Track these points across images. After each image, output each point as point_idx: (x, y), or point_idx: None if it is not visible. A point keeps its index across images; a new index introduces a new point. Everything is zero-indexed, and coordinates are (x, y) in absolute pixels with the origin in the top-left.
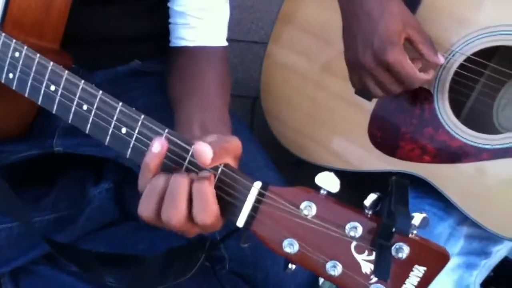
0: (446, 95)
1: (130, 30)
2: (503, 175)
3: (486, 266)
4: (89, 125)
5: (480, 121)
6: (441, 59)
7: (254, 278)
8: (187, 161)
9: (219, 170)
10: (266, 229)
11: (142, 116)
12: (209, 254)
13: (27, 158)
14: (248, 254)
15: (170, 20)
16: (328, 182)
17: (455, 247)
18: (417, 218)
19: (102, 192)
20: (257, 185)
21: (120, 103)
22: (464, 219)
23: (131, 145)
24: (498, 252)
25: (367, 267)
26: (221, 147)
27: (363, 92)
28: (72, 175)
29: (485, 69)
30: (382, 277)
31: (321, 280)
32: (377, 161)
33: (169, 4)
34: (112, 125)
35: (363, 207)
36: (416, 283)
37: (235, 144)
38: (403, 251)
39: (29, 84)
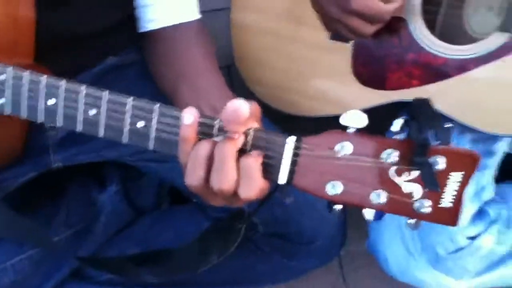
0: (419, 17)
1: (98, 24)
2: (490, 78)
3: (493, 165)
4: (102, 129)
5: (454, 33)
6: None
7: (287, 233)
8: (215, 129)
9: (251, 135)
10: (308, 179)
11: (158, 104)
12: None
13: (27, 181)
14: (277, 213)
15: (136, 4)
16: (355, 119)
17: None
18: None
19: (112, 195)
20: (292, 139)
21: (131, 98)
22: (462, 131)
23: (152, 137)
24: (500, 148)
25: (408, 188)
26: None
27: (339, 35)
28: (76, 186)
29: None
30: (433, 188)
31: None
32: (369, 97)
33: None
34: (128, 123)
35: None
36: (456, 187)
37: (255, 106)
38: (439, 162)
39: (25, 105)
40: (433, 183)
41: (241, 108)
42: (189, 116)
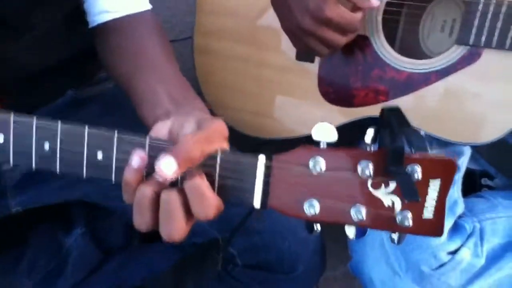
0: (381, 34)
1: (51, 57)
2: (452, 88)
3: (459, 179)
4: (58, 164)
5: (413, 50)
6: (375, 2)
7: (268, 262)
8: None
9: (219, 159)
10: (283, 199)
11: (116, 132)
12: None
13: None
14: (256, 240)
15: None
16: (325, 133)
17: None
18: None
19: (78, 238)
20: (262, 158)
21: (87, 127)
22: (430, 143)
23: (113, 169)
24: (464, 163)
25: (388, 200)
26: (213, 133)
27: (304, 55)
28: (40, 230)
29: (404, 3)
30: (413, 199)
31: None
32: (339, 115)
33: None
34: (85, 155)
35: (365, 144)
36: (436, 196)
37: (222, 125)
38: (416, 170)
39: None
40: (411, 193)
41: (164, 169)
42: (137, 160)
